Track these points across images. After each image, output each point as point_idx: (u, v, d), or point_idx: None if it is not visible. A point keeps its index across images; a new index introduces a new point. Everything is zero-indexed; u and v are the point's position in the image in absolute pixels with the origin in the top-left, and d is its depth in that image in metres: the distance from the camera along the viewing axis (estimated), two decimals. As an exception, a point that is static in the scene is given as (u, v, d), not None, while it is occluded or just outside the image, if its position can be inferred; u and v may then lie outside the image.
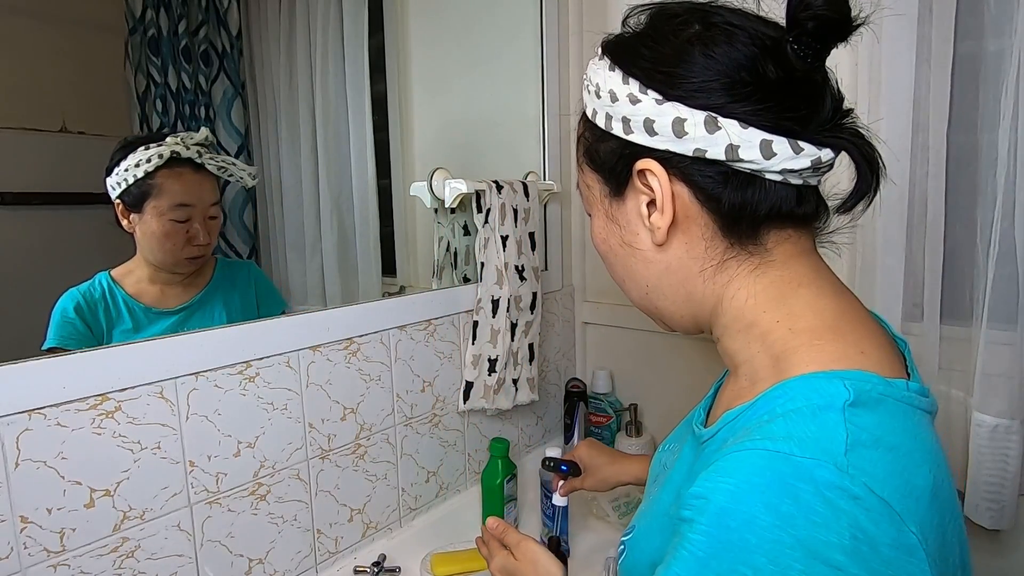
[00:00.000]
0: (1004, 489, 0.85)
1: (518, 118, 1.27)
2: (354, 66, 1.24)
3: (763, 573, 0.35)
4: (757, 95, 0.44)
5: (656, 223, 0.49)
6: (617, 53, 0.50)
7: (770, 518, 0.36)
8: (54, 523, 0.61)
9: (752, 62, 0.45)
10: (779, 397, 0.43)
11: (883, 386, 0.42)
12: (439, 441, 1.03)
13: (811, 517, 0.35)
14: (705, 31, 0.46)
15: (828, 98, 0.46)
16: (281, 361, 0.79)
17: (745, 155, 0.45)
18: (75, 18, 0.92)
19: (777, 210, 0.47)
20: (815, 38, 0.44)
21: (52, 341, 0.79)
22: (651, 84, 0.47)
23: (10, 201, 0.86)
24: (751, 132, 0.44)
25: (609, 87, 0.49)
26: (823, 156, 0.45)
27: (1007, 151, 0.81)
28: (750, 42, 0.45)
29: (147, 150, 0.85)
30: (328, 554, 0.87)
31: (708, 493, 0.39)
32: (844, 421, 0.39)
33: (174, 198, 0.86)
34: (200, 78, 1.05)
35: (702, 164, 0.46)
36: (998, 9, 0.83)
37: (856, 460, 0.37)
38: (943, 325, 0.89)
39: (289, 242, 1.19)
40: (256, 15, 1.14)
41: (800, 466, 0.37)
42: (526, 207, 1.06)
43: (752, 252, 0.49)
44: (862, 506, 0.36)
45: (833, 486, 0.36)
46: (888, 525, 0.36)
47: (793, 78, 0.45)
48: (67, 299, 0.81)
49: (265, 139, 1.16)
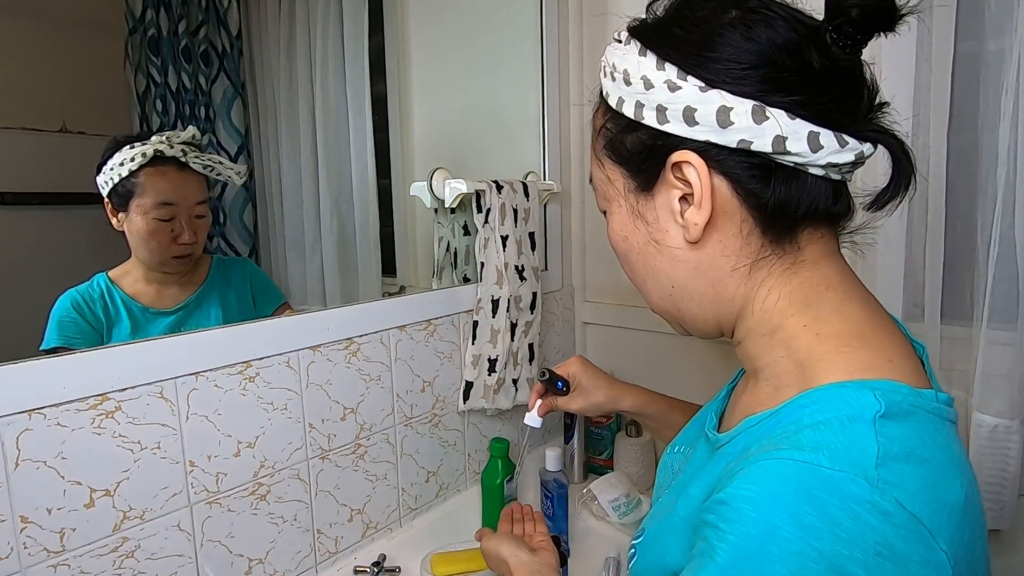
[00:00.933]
0: (1004, 489, 0.85)
1: (518, 118, 1.27)
2: (354, 66, 1.24)
3: None
4: (802, 84, 0.42)
5: (692, 219, 0.46)
6: (649, 36, 0.47)
7: (794, 530, 0.35)
8: (54, 523, 0.61)
9: (796, 48, 0.42)
10: (806, 407, 0.41)
11: (913, 397, 0.40)
12: (439, 441, 1.03)
13: (836, 531, 0.34)
14: (744, 15, 0.44)
15: (866, 90, 0.45)
16: (281, 361, 0.79)
17: (793, 147, 0.42)
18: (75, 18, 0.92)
19: (815, 208, 0.45)
20: (857, 27, 0.41)
21: (55, 341, 0.79)
22: (691, 69, 0.44)
23: (9, 201, 0.86)
24: (798, 123, 0.42)
25: (641, 72, 0.46)
26: (865, 150, 0.44)
27: (1007, 151, 0.81)
28: (790, 28, 0.43)
29: (132, 149, 0.84)
30: (328, 554, 0.87)
31: (732, 500, 0.38)
32: (875, 434, 0.37)
33: (157, 196, 0.86)
34: (200, 78, 1.05)
35: (743, 156, 0.44)
36: (998, 9, 0.82)
37: (887, 474, 0.36)
38: (943, 325, 0.89)
39: (289, 242, 1.19)
40: (256, 15, 1.14)
41: (828, 478, 0.36)
42: (526, 207, 1.06)
43: (786, 251, 0.47)
44: (891, 522, 0.35)
45: (862, 501, 0.35)
46: (917, 542, 0.35)
47: (836, 67, 0.43)
48: (66, 299, 0.81)
49: (265, 139, 1.16)
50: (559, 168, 1.26)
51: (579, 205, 1.34)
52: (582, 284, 1.36)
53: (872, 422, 0.38)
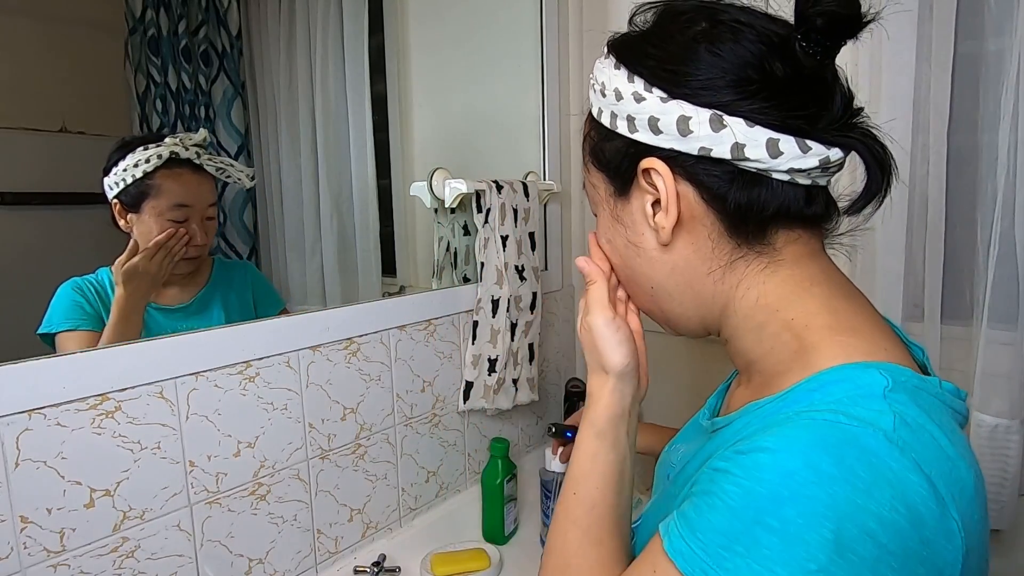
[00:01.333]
0: (1004, 489, 0.85)
1: (518, 118, 1.27)
2: (354, 66, 1.24)
3: (791, 526, 0.34)
4: (764, 93, 0.44)
5: (660, 223, 0.49)
6: (622, 51, 0.49)
7: (809, 474, 0.35)
8: (54, 523, 0.61)
9: (759, 59, 0.44)
10: (816, 390, 0.42)
11: (917, 380, 0.41)
12: (439, 441, 1.03)
13: (852, 480, 0.35)
14: (711, 28, 0.45)
15: (838, 96, 0.46)
16: (281, 361, 0.79)
17: (751, 154, 0.44)
18: (75, 18, 0.92)
19: (785, 210, 0.47)
20: (824, 35, 0.43)
21: (62, 326, 0.79)
22: (656, 82, 0.46)
23: (10, 201, 0.86)
24: (757, 131, 0.44)
25: (614, 85, 0.49)
26: (831, 156, 0.45)
27: (1007, 151, 0.81)
28: (757, 39, 0.44)
29: (146, 150, 0.84)
30: (328, 554, 0.87)
31: (749, 450, 0.38)
32: (889, 404, 0.38)
33: (173, 198, 0.86)
34: (200, 78, 1.05)
35: (708, 163, 0.46)
36: (998, 9, 0.83)
37: (905, 436, 0.37)
38: (943, 325, 0.89)
39: (289, 242, 1.19)
40: (256, 15, 1.14)
41: (848, 431, 0.36)
42: (526, 207, 1.06)
43: (761, 252, 0.48)
44: (909, 481, 0.35)
45: (881, 455, 0.35)
46: (934, 505, 0.35)
47: (801, 76, 0.44)
48: (68, 285, 0.81)
49: (265, 139, 1.16)
50: (559, 168, 1.26)
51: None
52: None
53: (883, 396, 0.39)
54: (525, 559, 0.97)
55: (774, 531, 0.35)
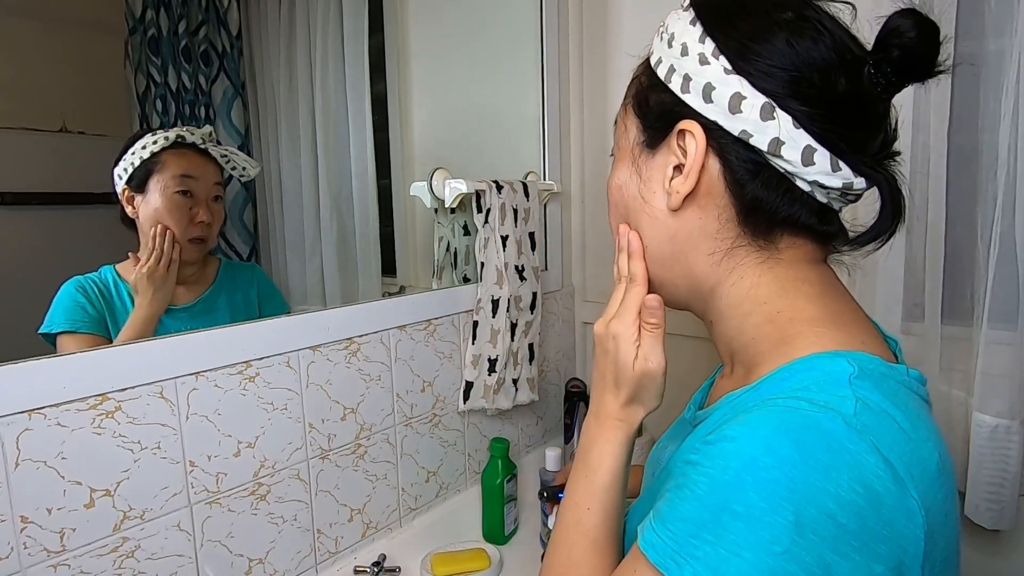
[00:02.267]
0: (1004, 489, 0.85)
1: (518, 118, 1.27)
2: (354, 66, 1.24)
3: (754, 510, 0.35)
4: (820, 101, 0.44)
5: (676, 187, 0.49)
6: (705, 9, 0.49)
7: (769, 459, 0.36)
8: (54, 523, 0.61)
9: (828, 67, 0.44)
10: (786, 379, 0.43)
11: (885, 367, 0.43)
12: (439, 441, 1.03)
13: (810, 462, 0.36)
14: (796, 21, 0.45)
15: (883, 132, 0.46)
16: (281, 361, 0.79)
17: (787, 153, 0.44)
18: (75, 18, 0.92)
19: (796, 218, 0.47)
20: (895, 68, 0.43)
21: (61, 326, 0.79)
22: (726, 51, 0.46)
23: (10, 201, 0.86)
24: (800, 133, 0.44)
25: (683, 40, 0.48)
26: (855, 184, 0.46)
27: (1007, 151, 0.81)
28: (833, 48, 0.44)
29: (154, 135, 0.87)
30: (328, 554, 0.87)
31: (715, 440, 0.39)
32: (852, 390, 0.40)
33: (178, 170, 0.87)
34: (200, 78, 1.05)
35: (742, 147, 0.46)
36: (998, 9, 0.83)
37: (865, 420, 0.38)
38: (943, 325, 0.89)
39: (289, 242, 1.19)
40: (256, 15, 1.14)
41: (808, 417, 0.38)
42: (526, 207, 1.06)
43: (762, 247, 0.49)
44: (866, 462, 0.36)
45: (839, 437, 0.37)
46: (891, 485, 0.37)
47: (859, 99, 0.45)
48: (71, 284, 0.81)
49: (265, 139, 1.16)
50: (559, 168, 1.26)
51: (579, 205, 1.34)
52: (582, 284, 1.36)
53: (848, 383, 0.40)
54: (525, 559, 0.97)
55: (739, 516, 0.35)
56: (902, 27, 0.43)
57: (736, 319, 0.50)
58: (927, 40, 0.43)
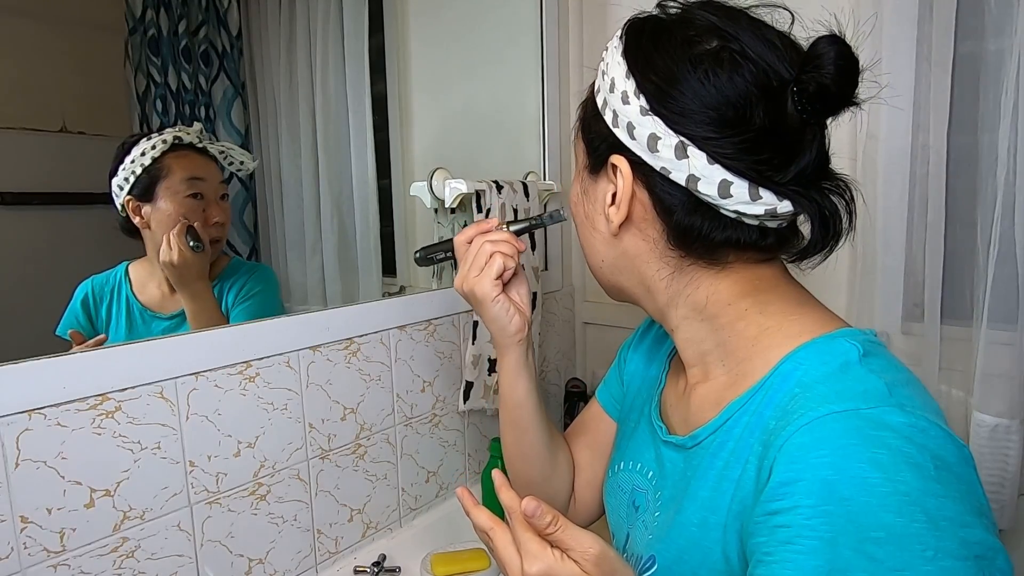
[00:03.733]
0: (1004, 489, 0.85)
1: (518, 118, 1.27)
2: (354, 66, 1.24)
3: (895, 528, 0.35)
4: (735, 135, 0.44)
5: (611, 215, 0.51)
6: (630, 43, 0.50)
7: (878, 473, 0.36)
8: (54, 523, 0.61)
9: (744, 102, 0.44)
10: (795, 370, 0.44)
11: (869, 333, 0.46)
12: (439, 441, 1.03)
13: (906, 460, 0.36)
14: (717, 52, 0.45)
15: (808, 154, 0.45)
16: (281, 361, 0.79)
17: (703, 188, 0.45)
18: (75, 18, 0.92)
19: (735, 241, 0.48)
20: (810, 101, 0.43)
21: (59, 330, 0.81)
22: (643, 91, 0.47)
23: (10, 201, 0.86)
24: (715, 169, 0.44)
25: (612, 74, 0.50)
26: (779, 208, 0.45)
27: (1007, 151, 0.81)
28: (753, 80, 0.44)
29: (150, 140, 0.86)
30: (328, 554, 0.87)
31: (801, 473, 0.38)
32: (869, 370, 0.41)
33: (185, 173, 0.87)
34: (200, 78, 1.04)
35: (666, 180, 0.47)
36: (998, 9, 0.82)
37: (901, 398, 0.40)
38: (943, 325, 0.89)
39: (289, 242, 1.19)
40: (256, 15, 1.14)
41: (871, 417, 0.38)
42: (526, 207, 1.06)
43: (711, 263, 0.50)
44: (930, 435, 0.38)
45: (905, 425, 0.38)
46: (950, 443, 0.38)
47: (779, 128, 0.44)
48: (81, 290, 0.83)
49: (265, 139, 1.16)
50: (559, 168, 1.26)
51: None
52: (582, 284, 1.36)
53: (860, 363, 0.42)
54: (525, 559, 0.97)
55: (882, 541, 0.35)
56: (823, 60, 0.42)
57: (703, 323, 0.51)
58: (844, 76, 0.42)
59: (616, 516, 0.62)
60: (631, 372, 0.70)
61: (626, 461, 0.62)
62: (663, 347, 0.67)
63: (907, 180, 0.90)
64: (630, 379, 0.70)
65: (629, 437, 0.64)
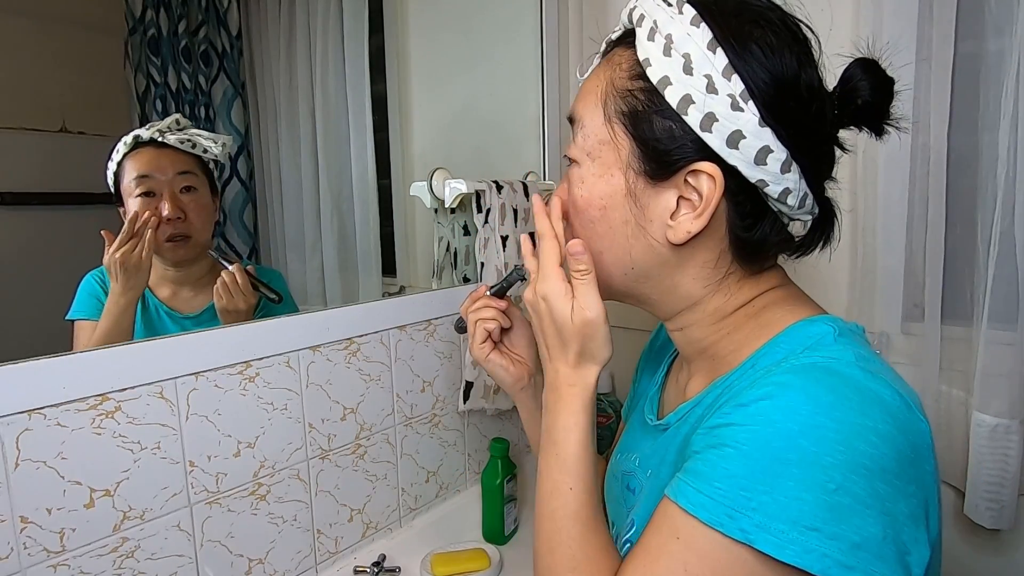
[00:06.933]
0: (1004, 489, 0.85)
1: (518, 118, 1.27)
2: (354, 66, 1.24)
3: (807, 455, 0.37)
4: (819, 147, 0.48)
5: (685, 226, 0.47)
6: (724, 27, 0.43)
7: (810, 406, 0.38)
8: (54, 523, 0.61)
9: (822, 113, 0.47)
10: (771, 349, 0.47)
11: (852, 325, 0.48)
12: (439, 441, 1.03)
13: (846, 403, 0.38)
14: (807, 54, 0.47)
15: None
16: (281, 361, 0.79)
17: (790, 200, 0.46)
18: (75, 18, 0.92)
19: (776, 244, 0.51)
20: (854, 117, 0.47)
21: (76, 314, 0.81)
22: (756, 98, 0.43)
23: (10, 201, 0.86)
24: (802, 184, 0.46)
25: (705, 71, 0.43)
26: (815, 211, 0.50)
27: (1007, 151, 0.81)
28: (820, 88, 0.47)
29: (117, 143, 0.86)
30: (328, 554, 0.87)
31: (748, 402, 0.40)
32: (842, 346, 0.43)
33: (133, 173, 0.86)
34: (200, 78, 1.04)
35: (753, 191, 0.47)
36: (998, 9, 0.82)
37: (868, 365, 0.41)
38: (943, 325, 0.89)
39: (289, 242, 1.19)
40: (256, 15, 1.14)
41: (828, 366, 0.40)
42: (526, 207, 1.06)
43: (758, 271, 0.52)
44: (885, 397, 0.39)
45: (859, 379, 0.40)
46: (908, 412, 0.39)
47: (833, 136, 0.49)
48: (91, 275, 0.82)
49: (265, 139, 1.16)
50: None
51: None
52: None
53: (835, 341, 0.44)
54: (525, 559, 0.97)
55: (792, 463, 0.37)
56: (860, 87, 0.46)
57: (713, 324, 0.52)
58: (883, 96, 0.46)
59: (614, 503, 0.64)
60: (640, 380, 0.73)
61: (618, 450, 0.65)
62: (667, 350, 0.69)
63: (907, 180, 0.90)
64: (638, 385, 0.73)
65: (626, 431, 0.67)
